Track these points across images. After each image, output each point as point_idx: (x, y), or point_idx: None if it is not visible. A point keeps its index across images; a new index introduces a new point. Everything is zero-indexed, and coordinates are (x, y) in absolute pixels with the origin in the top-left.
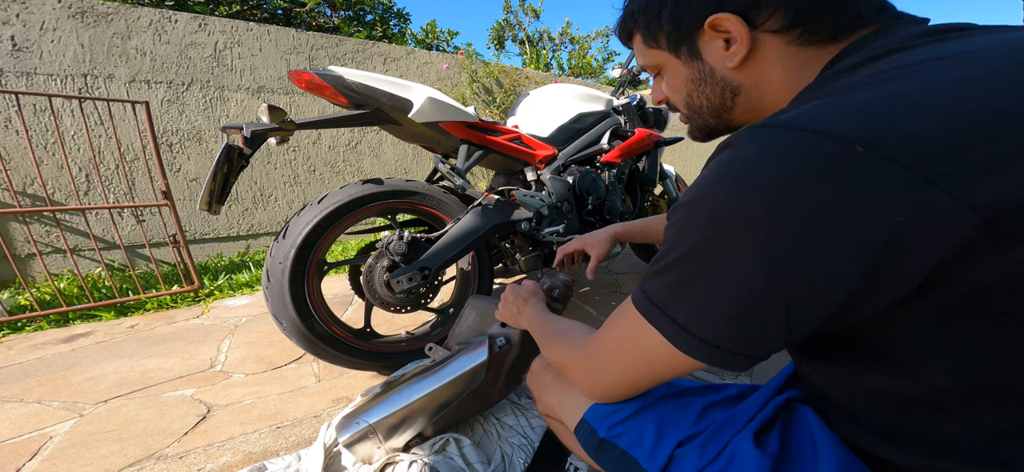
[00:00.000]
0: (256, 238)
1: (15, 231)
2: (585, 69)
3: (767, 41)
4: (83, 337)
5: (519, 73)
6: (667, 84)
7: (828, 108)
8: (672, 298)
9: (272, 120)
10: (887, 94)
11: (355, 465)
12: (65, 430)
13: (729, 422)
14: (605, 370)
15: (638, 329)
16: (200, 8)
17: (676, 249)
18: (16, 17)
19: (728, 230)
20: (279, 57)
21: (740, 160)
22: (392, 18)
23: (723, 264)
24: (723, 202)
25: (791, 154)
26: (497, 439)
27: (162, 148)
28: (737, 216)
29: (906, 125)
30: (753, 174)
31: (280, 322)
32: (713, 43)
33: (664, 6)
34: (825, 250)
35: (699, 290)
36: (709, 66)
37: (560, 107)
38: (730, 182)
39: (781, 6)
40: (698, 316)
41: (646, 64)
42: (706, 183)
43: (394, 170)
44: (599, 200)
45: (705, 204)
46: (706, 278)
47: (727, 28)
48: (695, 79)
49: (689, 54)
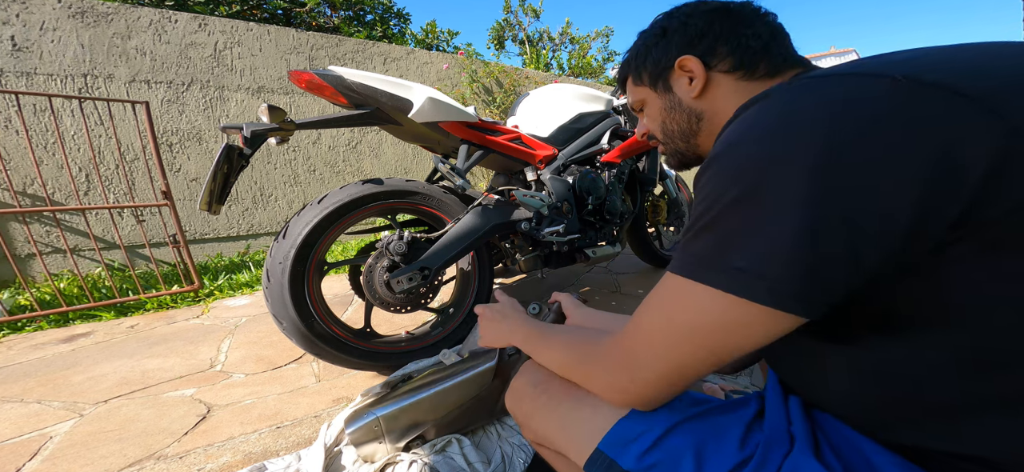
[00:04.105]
0: (256, 238)
1: (15, 231)
2: (585, 69)
3: (719, 78)
4: (83, 337)
5: (519, 73)
6: (648, 115)
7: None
8: (732, 249)
9: (272, 120)
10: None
11: (355, 464)
12: (65, 430)
13: (773, 442)
14: (651, 361)
15: (693, 297)
16: (200, 8)
17: (722, 199)
18: (16, 17)
19: (782, 170)
20: (279, 57)
21: (780, 105)
22: (392, 18)
23: (782, 203)
24: (771, 143)
25: (835, 92)
26: (497, 439)
27: (162, 148)
28: (789, 153)
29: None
30: (799, 113)
31: (280, 322)
32: (681, 79)
33: (649, 52)
34: (884, 172)
35: (762, 233)
36: (677, 97)
37: (560, 107)
38: (774, 124)
39: (728, 54)
40: (766, 261)
41: (634, 100)
42: (744, 131)
43: (394, 170)
44: (599, 200)
45: (749, 149)
46: (767, 220)
47: (690, 67)
48: (668, 108)
49: (663, 88)
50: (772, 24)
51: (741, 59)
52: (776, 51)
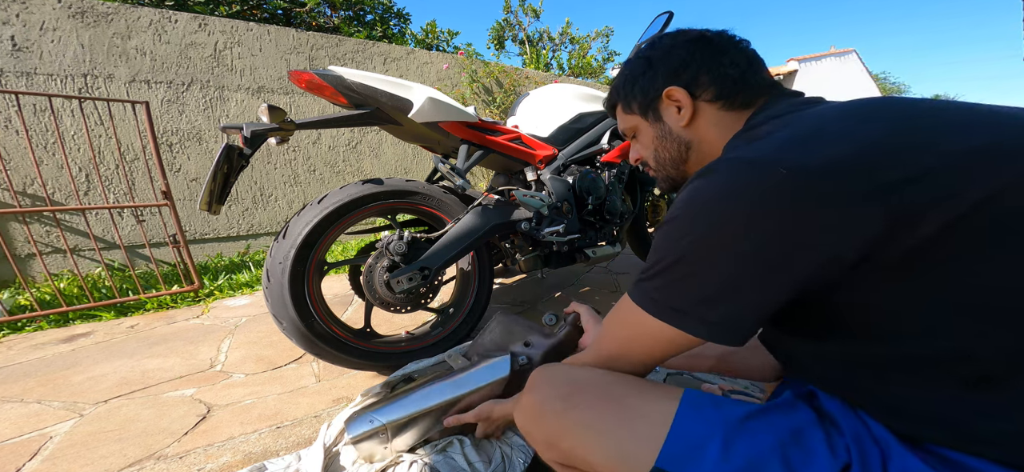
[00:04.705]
0: (256, 238)
1: (15, 231)
2: (585, 69)
3: (704, 107)
4: (83, 337)
5: (519, 73)
6: (640, 143)
7: (758, 146)
8: (673, 291)
9: (272, 120)
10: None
11: (355, 464)
12: (65, 430)
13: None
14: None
15: (643, 321)
16: (200, 8)
17: (669, 254)
18: (16, 17)
19: (712, 236)
20: (279, 57)
21: (717, 184)
22: (392, 18)
23: (711, 261)
24: (706, 215)
25: (749, 180)
26: (497, 440)
27: (162, 148)
28: (718, 224)
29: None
30: (727, 195)
31: (280, 322)
32: (669, 109)
33: (637, 82)
34: (786, 243)
35: (696, 282)
36: (667, 126)
37: (560, 107)
38: (712, 200)
39: (710, 85)
40: (698, 303)
41: (625, 128)
42: (690, 201)
43: (394, 170)
44: (599, 200)
45: (691, 217)
46: (700, 272)
47: (677, 97)
48: (659, 136)
49: (653, 117)
50: (747, 52)
51: (721, 89)
52: (751, 80)
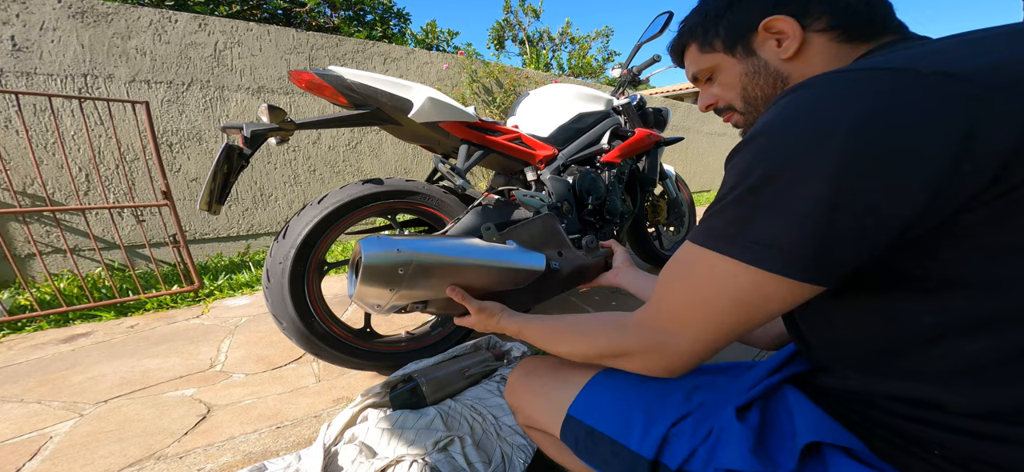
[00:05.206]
0: (256, 238)
1: (15, 231)
2: (585, 69)
3: (813, 39)
4: (83, 337)
5: (519, 73)
6: (720, 84)
7: (888, 57)
8: (757, 223)
9: (272, 120)
10: (930, 49)
11: (354, 463)
12: (65, 430)
13: (719, 402)
14: (684, 330)
15: (718, 268)
16: (200, 8)
17: (750, 177)
18: (16, 17)
19: (808, 157)
20: (279, 57)
21: (814, 96)
22: (392, 18)
23: (804, 186)
24: (801, 132)
25: (866, 86)
26: (497, 439)
27: (162, 148)
28: (816, 142)
29: (959, 62)
30: (829, 106)
31: (280, 322)
32: (767, 42)
33: (723, 16)
34: (903, 163)
35: (787, 211)
36: (763, 60)
37: (560, 107)
38: (808, 114)
39: (826, 11)
40: (788, 234)
41: (699, 70)
42: (783, 116)
43: (394, 170)
44: (599, 200)
45: (782, 135)
46: (791, 197)
47: (780, 28)
48: (749, 73)
49: (744, 52)
50: None
51: (842, 19)
52: (879, 12)
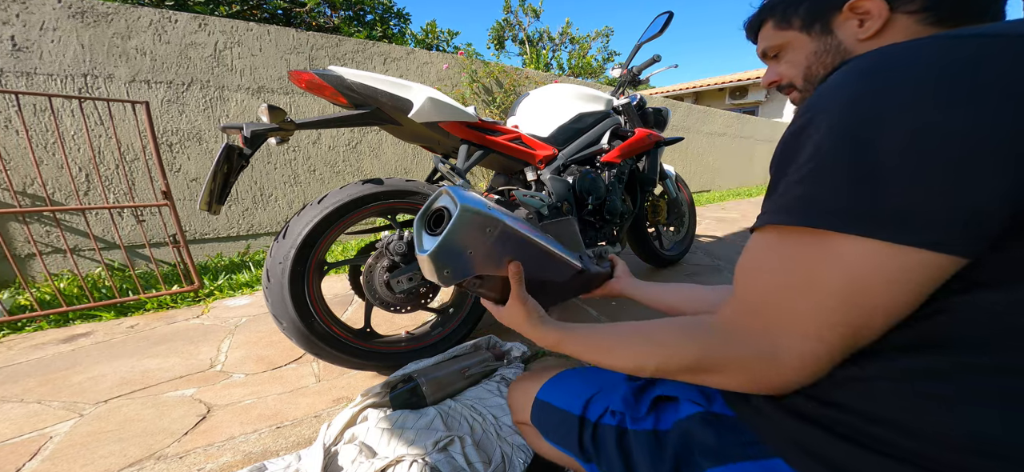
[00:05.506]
0: (256, 238)
1: (15, 231)
2: (585, 69)
3: (899, 19)
4: (83, 337)
5: (519, 73)
6: (787, 60)
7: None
8: (866, 190)
9: (272, 120)
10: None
11: (354, 463)
12: (65, 430)
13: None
14: (794, 342)
15: (824, 251)
16: (200, 8)
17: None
18: (16, 17)
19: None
20: (279, 57)
21: (898, 54)
22: (392, 18)
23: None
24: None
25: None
26: (497, 439)
27: (162, 148)
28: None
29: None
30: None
31: (280, 322)
32: (849, 22)
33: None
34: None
35: (900, 170)
36: (837, 40)
37: (560, 107)
38: (894, 69)
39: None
40: (904, 197)
41: (770, 46)
42: (858, 77)
43: (394, 170)
44: (599, 200)
45: (870, 88)
46: (901, 156)
47: (867, 8)
48: (819, 52)
49: (821, 31)
50: None
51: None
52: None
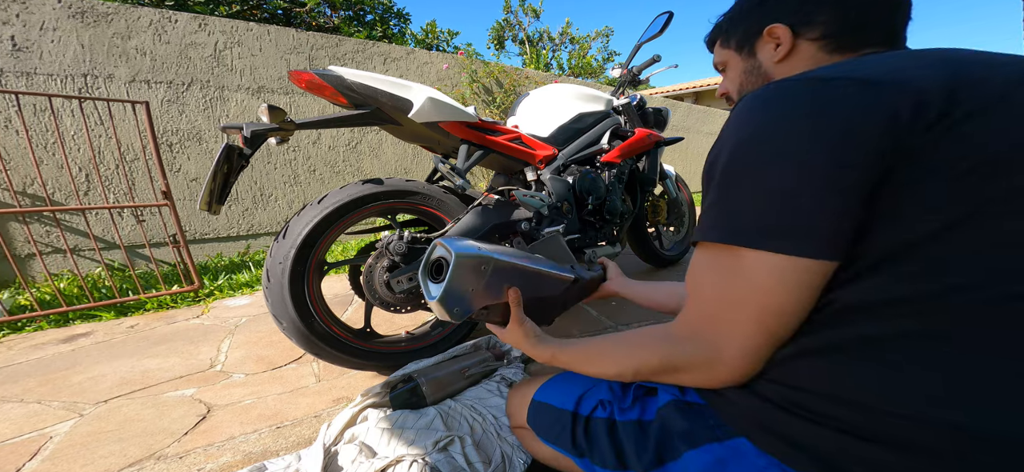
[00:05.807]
0: (256, 238)
1: (15, 231)
2: (585, 69)
3: (804, 46)
4: (83, 337)
5: (519, 73)
6: (728, 77)
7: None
8: (763, 211)
9: (272, 120)
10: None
11: (353, 463)
12: (65, 430)
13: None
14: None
15: (739, 263)
16: (200, 8)
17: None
18: (16, 17)
19: (782, 143)
20: (279, 57)
21: (774, 96)
22: (392, 18)
23: (789, 167)
24: (772, 125)
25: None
26: (497, 439)
27: (162, 148)
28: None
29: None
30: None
31: (280, 322)
32: (767, 46)
33: (744, 18)
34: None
35: (784, 194)
36: (758, 62)
37: (560, 107)
38: (773, 112)
39: (819, 25)
40: (790, 215)
41: (718, 62)
42: (749, 121)
43: (394, 170)
44: (599, 200)
45: (756, 132)
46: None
47: (778, 34)
48: (747, 71)
49: (748, 53)
50: None
51: (833, 29)
52: (873, 26)
